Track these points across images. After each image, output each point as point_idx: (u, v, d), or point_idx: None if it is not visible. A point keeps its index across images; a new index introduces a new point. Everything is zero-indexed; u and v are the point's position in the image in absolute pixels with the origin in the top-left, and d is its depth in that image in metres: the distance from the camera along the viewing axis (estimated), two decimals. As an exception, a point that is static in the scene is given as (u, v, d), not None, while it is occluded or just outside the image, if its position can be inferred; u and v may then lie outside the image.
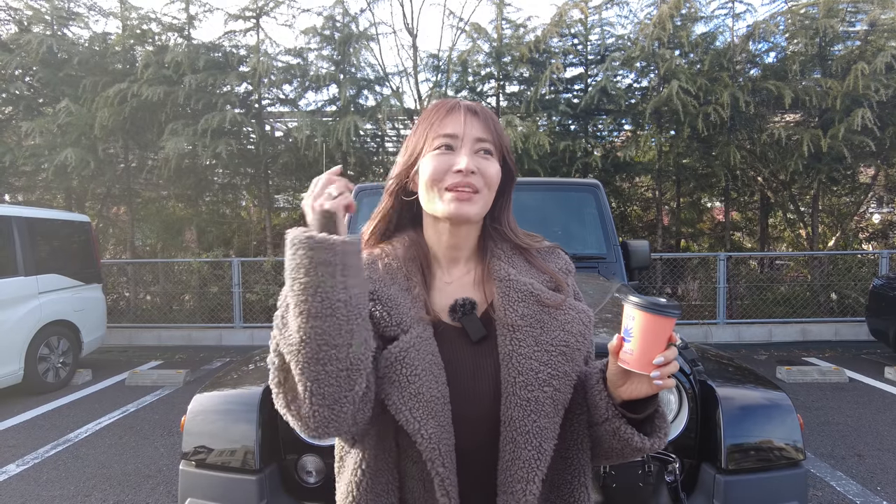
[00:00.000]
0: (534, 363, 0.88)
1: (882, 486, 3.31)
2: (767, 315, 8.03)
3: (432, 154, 0.92)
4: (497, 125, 0.96)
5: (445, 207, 0.90)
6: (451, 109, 0.94)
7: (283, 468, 1.95)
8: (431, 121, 0.94)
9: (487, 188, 0.92)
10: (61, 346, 5.85)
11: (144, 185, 9.65)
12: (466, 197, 0.90)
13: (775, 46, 8.37)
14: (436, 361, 0.87)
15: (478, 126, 0.93)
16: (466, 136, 0.92)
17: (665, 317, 0.78)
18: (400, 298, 0.90)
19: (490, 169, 0.92)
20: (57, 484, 3.48)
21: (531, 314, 0.92)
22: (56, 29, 8.66)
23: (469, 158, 0.90)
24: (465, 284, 0.98)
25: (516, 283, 0.94)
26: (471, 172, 0.89)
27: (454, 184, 0.90)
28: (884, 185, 9.66)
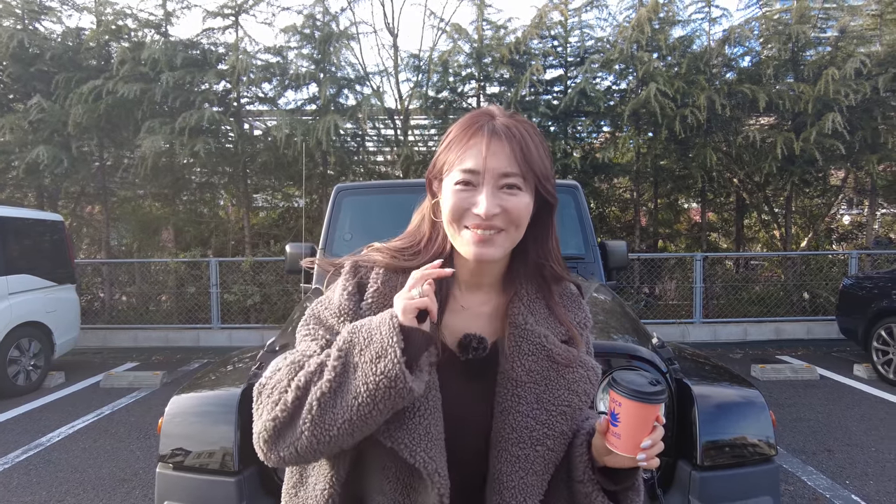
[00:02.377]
0: (530, 421, 0.85)
1: (850, 480, 3.41)
2: (742, 314, 8.19)
3: (452, 189, 0.84)
4: (528, 149, 0.84)
5: (465, 248, 0.85)
6: (474, 133, 0.84)
7: (263, 470, 1.93)
8: (456, 144, 0.86)
9: (514, 226, 0.85)
10: (32, 348, 5.72)
11: (120, 184, 9.46)
12: (487, 238, 0.83)
13: (750, 51, 8.55)
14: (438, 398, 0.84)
15: (503, 157, 0.82)
16: (488, 172, 0.82)
17: (652, 404, 0.78)
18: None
19: (516, 205, 0.83)
20: (28, 490, 3.40)
21: (538, 370, 0.88)
22: (27, 23, 8.46)
23: (489, 201, 0.81)
24: (482, 315, 0.93)
25: (531, 333, 0.89)
26: (492, 215, 0.82)
27: (474, 225, 0.83)
28: (853, 187, 9.91)
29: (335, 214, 3.34)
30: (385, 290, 0.88)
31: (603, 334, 2.17)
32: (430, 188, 0.93)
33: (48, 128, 7.87)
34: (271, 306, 8.23)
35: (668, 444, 1.96)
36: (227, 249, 9.47)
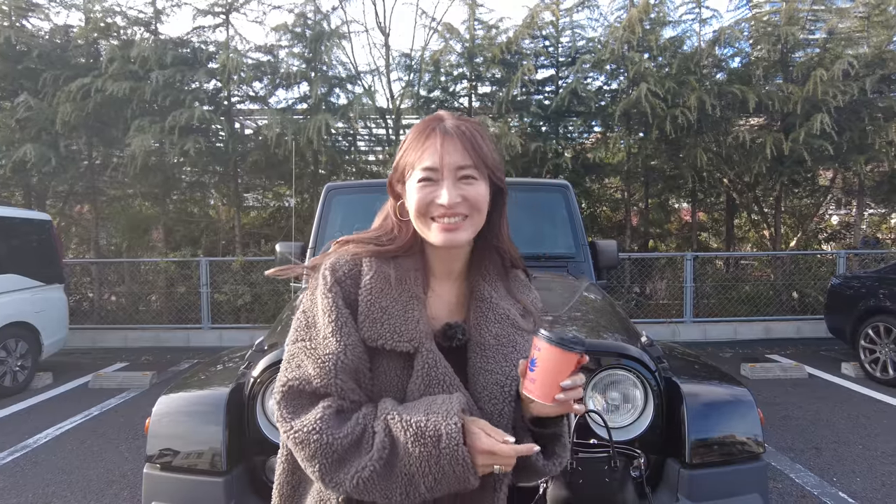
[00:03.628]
0: (500, 377, 0.93)
1: (838, 478, 3.44)
2: (732, 313, 8.24)
3: (416, 186, 0.94)
4: (478, 144, 0.94)
5: (436, 237, 0.94)
6: (428, 135, 0.94)
7: (251, 469, 1.92)
8: (413, 146, 0.95)
9: (476, 211, 0.94)
10: (20, 348, 5.65)
11: (109, 183, 9.38)
12: (454, 226, 0.93)
13: (740, 52, 8.60)
14: (452, 376, 0.93)
15: (456, 152, 0.92)
16: (445, 167, 0.92)
17: (568, 351, 0.83)
18: (409, 312, 0.93)
19: (474, 193, 0.93)
20: (14, 492, 3.36)
21: (505, 335, 0.97)
22: (14, 20, 8.36)
23: (450, 191, 0.91)
24: (454, 299, 1.03)
25: (496, 305, 0.99)
26: (455, 204, 0.91)
27: (440, 215, 0.93)
28: (841, 187, 10.00)
29: (325, 213, 3.33)
30: (380, 273, 0.95)
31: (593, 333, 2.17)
32: (392, 191, 1.02)
33: (35, 126, 7.78)
34: (262, 306, 8.19)
35: (657, 442, 1.97)
36: (217, 249, 9.42)
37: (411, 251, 0.99)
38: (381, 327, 0.91)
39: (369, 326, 0.91)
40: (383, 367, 0.92)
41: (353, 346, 0.90)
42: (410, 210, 0.95)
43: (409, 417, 0.85)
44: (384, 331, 0.91)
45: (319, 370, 0.89)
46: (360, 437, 0.86)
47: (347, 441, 0.85)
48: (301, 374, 0.91)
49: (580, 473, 1.65)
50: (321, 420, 0.86)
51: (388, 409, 0.87)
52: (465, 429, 0.84)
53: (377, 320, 0.92)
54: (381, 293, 0.93)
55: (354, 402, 0.90)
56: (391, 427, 0.86)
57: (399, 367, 0.92)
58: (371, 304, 0.92)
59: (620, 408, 1.98)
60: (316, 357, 0.90)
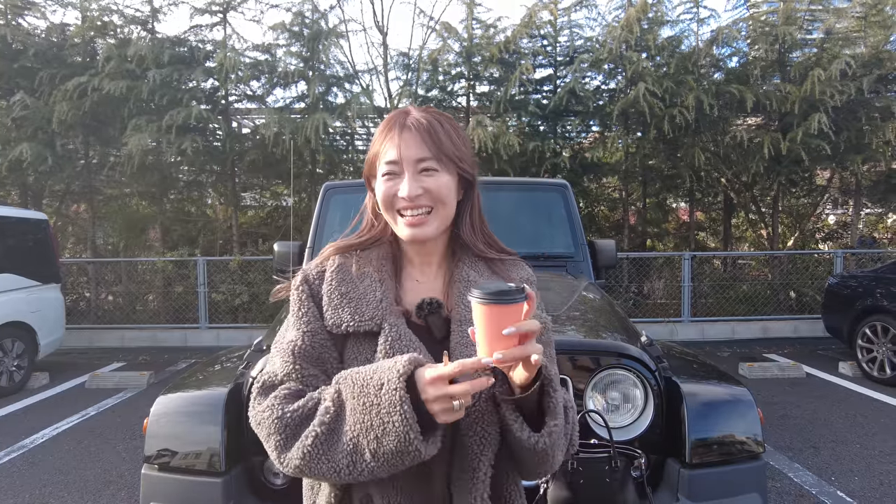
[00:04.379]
0: None
1: (836, 477, 3.45)
2: (730, 313, 8.25)
3: (380, 179, 0.96)
4: (437, 136, 0.93)
5: (402, 231, 0.96)
6: (390, 129, 0.95)
7: (250, 470, 1.92)
8: (378, 142, 0.97)
9: (441, 203, 0.95)
10: (16, 348, 5.63)
11: (106, 182, 9.35)
12: (419, 221, 0.94)
13: (738, 51, 8.61)
14: (418, 347, 0.90)
15: (414, 145, 0.93)
16: (405, 160, 0.93)
17: (495, 305, 0.75)
18: (370, 294, 0.94)
19: (436, 184, 0.93)
20: (10, 492, 3.35)
21: None
22: (10, 18, 8.33)
23: (410, 184, 0.92)
24: (436, 286, 1.02)
25: (474, 283, 0.95)
26: (416, 196, 0.92)
27: (403, 207, 0.94)
28: (838, 187, 10.03)
29: (324, 212, 3.32)
30: (342, 268, 0.98)
31: (592, 332, 2.17)
32: (369, 186, 1.04)
33: (32, 125, 7.75)
34: (259, 306, 8.17)
35: (657, 441, 1.96)
36: (214, 248, 9.40)
37: (378, 243, 1.02)
38: (343, 312, 0.93)
39: (332, 314, 0.93)
40: (353, 351, 0.92)
41: (311, 332, 0.93)
42: (379, 205, 0.98)
43: (359, 375, 0.83)
44: (345, 315, 0.92)
45: (282, 359, 0.93)
46: (311, 410, 0.85)
47: (298, 414, 0.84)
48: (270, 368, 0.94)
49: (580, 473, 1.64)
50: (275, 398, 0.87)
51: (342, 375, 0.86)
52: (415, 376, 0.79)
53: (338, 306, 0.93)
54: (341, 282, 0.96)
55: (316, 387, 0.90)
56: (341, 389, 0.83)
57: (369, 349, 0.91)
58: (331, 293, 0.95)
59: (620, 408, 1.97)
60: (280, 349, 0.94)
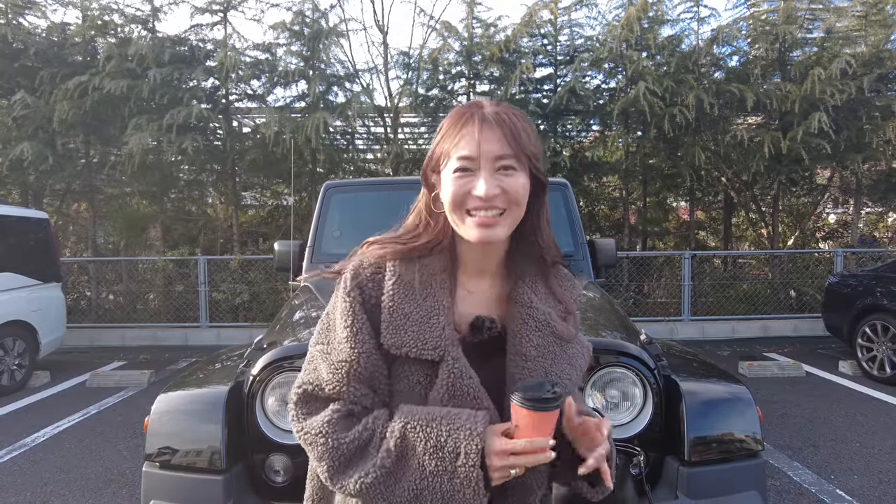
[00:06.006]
0: None
1: (835, 475, 3.45)
2: (730, 312, 8.25)
3: (452, 177, 0.88)
4: (519, 133, 0.88)
5: (469, 232, 0.88)
6: (465, 122, 0.88)
7: (250, 468, 1.92)
8: (449, 134, 0.90)
9: (515, 205, 0.88)
10: (17, 347, 5.63)
11: (107, 182, 9.35)
12: (490, 222, 0.87)
13: (738, 50, 8.60)
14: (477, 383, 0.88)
15: (495, 141, 0.86)
16: (483, 156, 0.86)
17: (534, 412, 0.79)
18: (433, 318, 0.88)
19: (514, 185, 0.87)
20: (12, 491, 3.36)
21: (545, 345, 0.92)
22: (11, 18, 8.32)
23: (488, 182, 0.85)
24: (489, 298, 0.97)
25: (536, 311, 0.93)
26: (492, 196, 0.86)
27: (475, 207, 0.87)
28: (839, 186, 10.02)
29: (324, 212, 3.32)
30: (404, 278, 0.91)
31: (592, 331, 2.17)
32: (426, 182, 0.95)
33: (32, 124, 7.75)
34: (260, 305, 8.18)
35: (657, 439, 1.97)
36: (215, 247, 9.41)
37: (439, 247, 0.94)
38: (405, 335, 0.87)
39: (392, 333, 0.88)
40: (406, 372, 0.89)
41: (367, 353, 0.88)
42: (445, 202, 0.90)
43: (430, 430, 0.82)
44: (408, 338, 0.87)
45: (332, 376, 0.89)
46: (367, 441, 0.86)
47: (354, 445, 0.86)
48: (315, 377, 0.92)
49: (579, 471, 1.64)
50: (328, 424, 0.87)
51: (409, 417, 0.85)
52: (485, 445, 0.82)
53: (400, 327, 0.88)
54: (403, 298, 0.89)
55: (367, 407, 0.90)
56: (408, 435, 0.83)
57: (422, 374, 0.89)
58: (394, 311, 0.89)
59: (620, 405, 1.98)
60: (330, 363, 0.90)
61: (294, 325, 2.38)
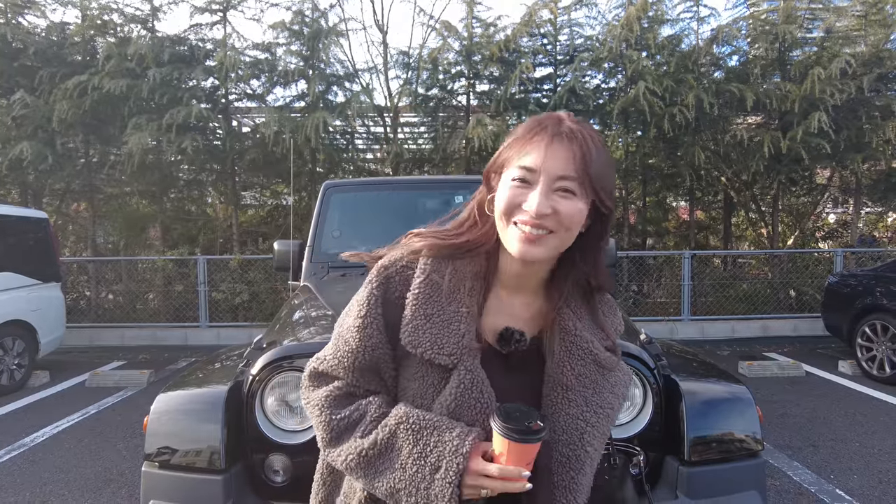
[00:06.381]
0: (580, 423, 0.89)
1: (835, 475, 3.45)
2: (730, 312, 8.25)
3: (508, 184, 0.85)
4: (590, 156, 0.83)
5: (512, 245, 0.86)
6: (537, 132, 0.84)
7: (250, 467, 1.92)
8: (518, 141, 0.87)
9: (564, 229, 0.84)
10: (16, 347, 5.63)
11: (106, 181, 9.35)
12: (534, 238, 0.83)
13: (738, 50, 8.60)
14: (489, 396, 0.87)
15: (562, 160, 0.82)
16: (544, 172, 0.82)
17: (512, 442, 0.79)
18: (454, 324, 0.87)
19: (567, 210, 0.83)
20: (11, 490, 3.36)
21: (587, 374, 0.91)
22: (11, 17, 8.32)
23: (541, 200, 0.81)
24: (523, 312, 0.95)
25: (580, 339, 0.92)
26: (543, 215, 0.82)
27: (522, 221, 0.83)
28: (838, 186, 10.03)
29: (323, 211, 3.32)
30: (433, 279, 0.90)
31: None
32: (487, 181, 0.93)
33: (32, 124, 7.75)
34: (259, 304, 8.17)
35: (656, 439, 1.97)
36: (215, 247, 9.40)
37: (478, 250, 0.92)
38: (423, 335, 0.87)
39: (411, 332, 0.87)
40: (421, 372, 0.89)
41: (372, 348, 0.90)
42: (496, 207, 0.87)
43: (420, 436, 0.84)
44: (424, 340, 0.86)
45: (337, 362, 0.94)
46: (356, 421, 0.90)
47: (344, 423, 0.90)
48: (325, 356, 0.96)
49: (579, 471, 1.64)
50: (326, 398, 0.93)
51: (403, 419, 0.86)
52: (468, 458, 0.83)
53: (419, 327, 0.87)
54: (427, 299, 0.88)
55: (369, 390, 0.93)
56: (398, 435, 0.85)
57: (437, 377, 0.88)
58: (416, 310, 0.88)
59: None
60: (337, 349, 0.94)
61: (294, 324, 2.37)
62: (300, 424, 1.88)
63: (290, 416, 1.90)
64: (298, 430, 1.87)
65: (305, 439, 1.83)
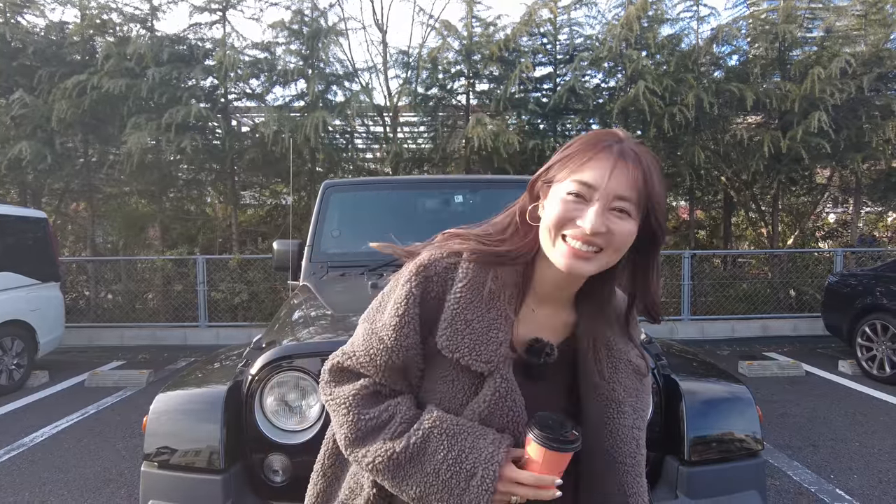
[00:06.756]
0: (635, 432, 0.93)
1: (835, 475, 3.45)
2: (730, 311, 8.26)
3: (563, 197, 0.84)
4: (651, 179, 0.84)
5: (559, 260, 0.85)
6: (601, 150, 0.84)
7: (249, 467, 1.91)
8: (579, 155, 0.86)
9: (613, 249, 0.85)
10: (15, 346, 5.63)
11: (105, 181, 9.35)
12: (584, 255, 0.83)
13: (738, 50, 8.60)
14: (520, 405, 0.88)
15: (624, 181, 0.82)
16: (604, 191, 0.82)
17: (549, 450, 0.81)
18: (493, 331, 0.87)
19: (620, 230, 0.83)
20: (10, 490, 3.35)
21: (632, 385, 0.94)
22: (10, 17, 8.32)
23: (598, 218, 0.81)
24: (552, 322, 0.95)
25: (621, 352, 0.95)
26: (597, 233, 0.82)
27: (574, 237, 0.83)
28: (838, 185, 10.03)
29: (323, 211, 3.31)
30: (474, 284, 0.89)
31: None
32: (531, 190, 0.93)
33: (31, 123, 7.75)
34: (259, 304, 8.17)
35: (656, 439, 1.96)
36: (214, 247, 9.40)
37: (520, 259, 0.91)
38: (461, 340, 0.86)
39: (449, 337, 0.87)
40: (452, 376, 0.89)
41: (407, 348, 0.89)
42: (545, 219, 0.86)
43: (454, 442, 0.84)
44: (463, 345, 0.86)
45: (369, 360, 0.92)
46: (385, 422, 0.88)
47: (373, 423, 0.88)
48: (353, 352, 0.94)
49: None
50: (354, 397, 0.91)
51: (437, 423, 0.86)
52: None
53: (458, 332, 0.87)
54: (468, 304, 0.88)
55: (395, 390, 0.93)
56: (432, 439, 0.85)
57: (468, 383, 0.88)
58: (456, 315, 0.87)
59: (619, 405, 1.97)
60: (369, 346, 0.92)
61: (293, 324, 2.37)
62: (299, 424, 1.87)
63: (290, 415, 1.89)
64: (298, 429, 1.86)
65: (305, 439, 1.83)
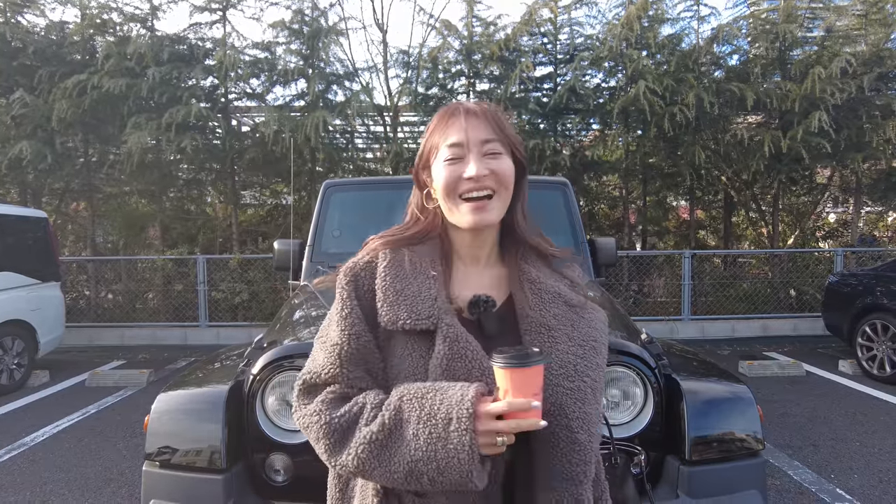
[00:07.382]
0: (570, 356, 0.93)
1: (835, 475, 3.45)
2: (730, 311, 8.25)
3: (443, 164, 0.95)
4: (500, 121, 0.97)
5: (464, 218, 0.95)
6: (451, 115, 0.96)
7: (251, 467, 1.92)
8: (438, 129, 0.97)
9: (504, 187, 0.95)
10: (16, 346, 5.63)
11: (106, 181, 9.34)
12: (482, 206, 0.93)
13: (738, 49, 8.59)
14: (476, 347, 0.90)
15: (480, 127, 0.95)
16: (471, 141, 0.94)
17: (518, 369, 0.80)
18: (424, 291, 0.93)
19: (501, 167, 0.94)
20: (11, 490, 3.35)
21: (562, 314, 0.97)
22: (10, 16, 8.32)
23: (477, 163, 0.93)
24: (485, 280, 1.02)
25: (545, 285, 0.99)
26: (482, 176, 0.92)
27: (468, 190, 0.93)
28: (839, 185, 10.02)
29: (323, 210, 3.32)
30: (395, 262, 0.96)
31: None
32: (418, 180, 1.03)
33: (31, 123, 7.74)
34: (259, 304, 8.17)
35: (657, 439, 1.96)
36: (214, 247, 9.40)
37: (430, 236, 1.00)
38: (399, 309, 0.91)
39: (387, 310, 0.92)
40: (408, 350, 0.92)
41: (356, 335, 0.92)
42: (438, 190, 0.96)
43: (425, 400, 0.84)
44: (401, 311, 0.91)
45: (326, 360, 0.93)
46: (357, 414, 0.88)
47: (345, 420, 0.88)
48: (313, 367, 0.95)
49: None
50: (322, 402, 0.91)
51: (404, 391, 0.86)
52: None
53: (393, 303, 0.92)
54: (395, 277, 0.94)
55: (362, 389, 0.93)
56: (403, 407, 0.85)
57: (422, 347, 0.91)
58: (386, 289, 0.94)
59: (620, 405, 1.98)
60: (326, 350, 0.95)
61: (294, 324, 2.37)
62: (301, 424, 1.87)
63: (291, 415, 1.89)
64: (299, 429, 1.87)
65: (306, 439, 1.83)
